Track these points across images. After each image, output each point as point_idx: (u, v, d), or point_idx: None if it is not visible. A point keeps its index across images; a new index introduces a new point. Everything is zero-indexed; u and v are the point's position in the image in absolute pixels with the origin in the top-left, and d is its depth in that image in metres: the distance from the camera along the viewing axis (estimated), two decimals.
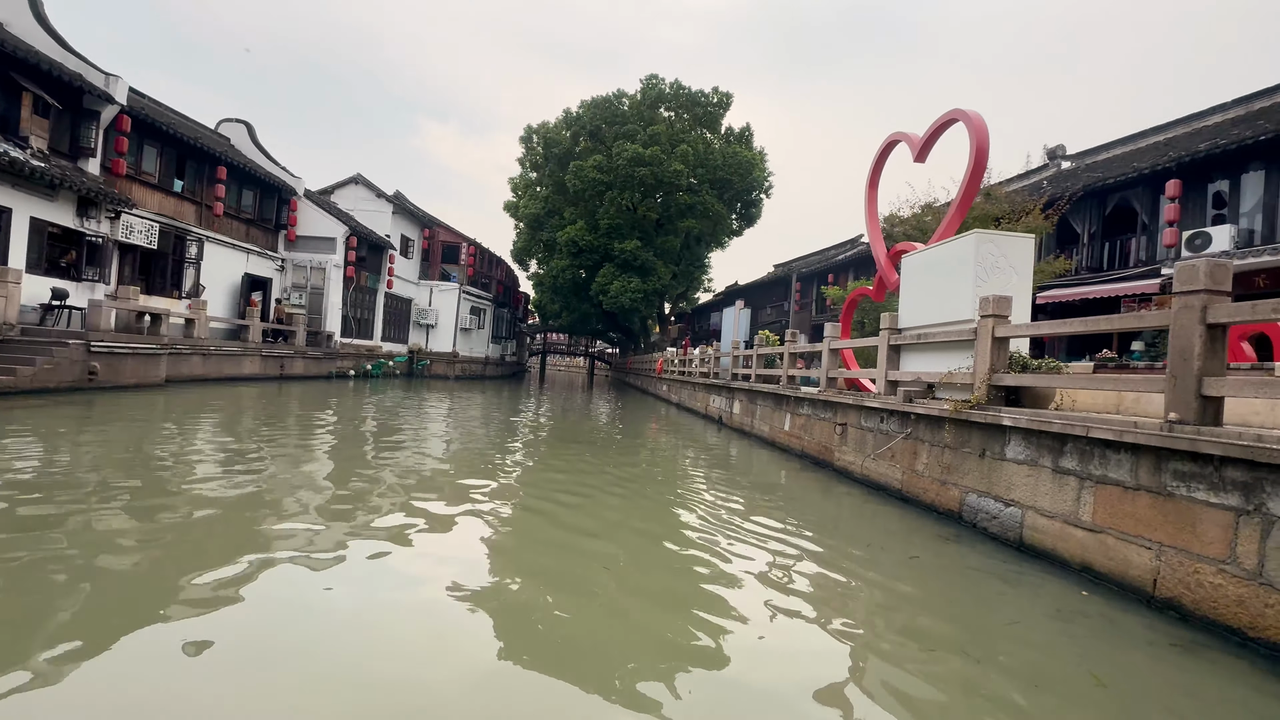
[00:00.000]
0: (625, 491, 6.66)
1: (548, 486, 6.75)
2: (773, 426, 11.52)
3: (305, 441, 8.63)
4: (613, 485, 6.94)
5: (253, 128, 23.58)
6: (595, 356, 74.40)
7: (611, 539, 4.85)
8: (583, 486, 6.70)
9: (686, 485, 7.57)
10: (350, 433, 9.94)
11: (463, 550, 4.38)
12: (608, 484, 6.98)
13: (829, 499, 7.19)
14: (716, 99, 31.88)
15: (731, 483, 7.93)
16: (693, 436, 13.29)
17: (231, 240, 20.51)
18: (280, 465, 6.72)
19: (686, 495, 6.91)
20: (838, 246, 37.10)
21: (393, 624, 3.13)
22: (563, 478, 7.22)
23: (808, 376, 11.71)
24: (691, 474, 8.49)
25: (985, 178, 13.68)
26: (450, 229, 33.32)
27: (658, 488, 7.26)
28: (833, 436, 8.73)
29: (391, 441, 9.22)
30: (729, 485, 7.72)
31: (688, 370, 21.71)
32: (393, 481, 6.36)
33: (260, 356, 18.73)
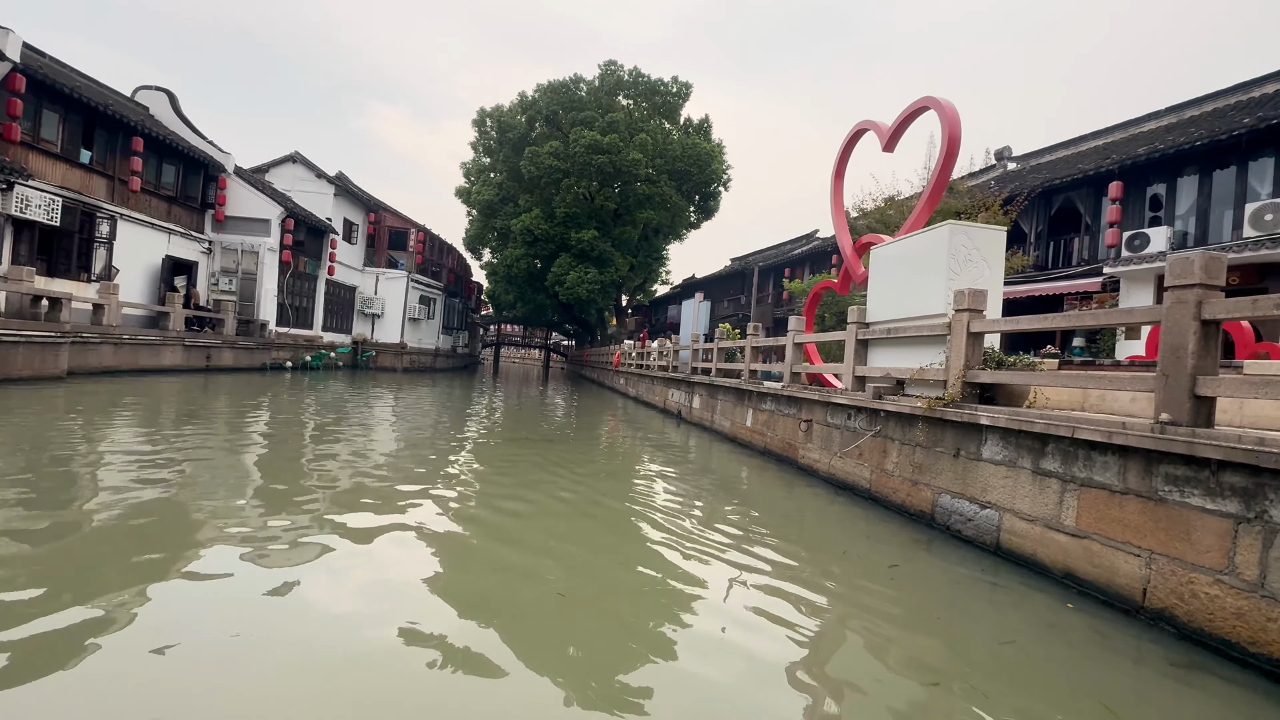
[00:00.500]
0: (579, 497, 6.18)
1: (495, 492, 6.20)
2: (734, 422, 11.25)
3: (216, 442, 7.74)
4: (566, 488, 6.44)
5: (175, 97, 21.67)
6: (550, 349, 73.27)
7: (561, 557, 4.36)
8: (534, 491, 6.18)
9: (645, 486, 7.14)
10: (275, 432, 9.06)
11: (390, 577, 3.80)
12: (560, 487, 6.48)
13: (795, 499, 6.91)
14: (676, 89, 31.47)
15: (693, 482, 7.56)
16: (651, 431, 12.90)
17: (150, 219, 18.75)
18: (182, 472, 5.91)
19: (644, 498, 6.48)
20: (793, 241, 37.45)
21: (282, 689, 2.56)
22: (510, 481, 6.67)
23: (769, 371, 11.48)
24: (649, 473, 8.07)
25: (906, 189, 13.86)
26: (397, 213, 31.79)
27: (614, 489, 6.81)
28: (797, 433, 8.48)
29: (322, 442, 8.43)
30: (690, 485, 7.35)
31: (646, 364, 21.32)
32: (316, 491, 5.68)
33: (183, 346, 17.22)
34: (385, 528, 4.58)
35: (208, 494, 5.13)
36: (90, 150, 16.76)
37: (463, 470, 7.14)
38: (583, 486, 6.63)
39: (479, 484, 6.57)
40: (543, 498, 5.90)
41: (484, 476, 7.00)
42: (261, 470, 6.30)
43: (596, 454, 9.34)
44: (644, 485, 7.20)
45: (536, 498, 5.87)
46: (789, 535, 5.38)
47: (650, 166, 29.12)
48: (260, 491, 5.42)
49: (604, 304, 35.45)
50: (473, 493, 6.09)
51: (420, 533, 4.54)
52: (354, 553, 4.03)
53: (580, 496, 6.15)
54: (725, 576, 4.09)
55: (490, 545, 4.48)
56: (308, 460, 7.04)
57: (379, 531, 4.48)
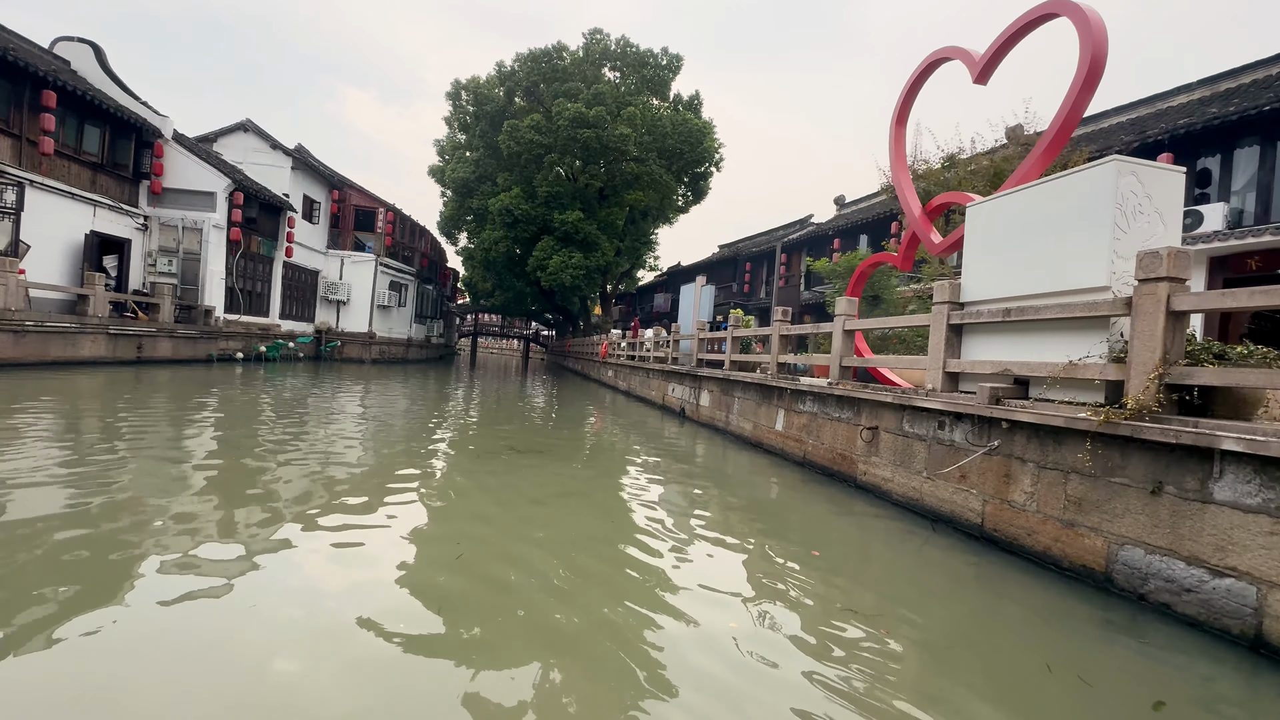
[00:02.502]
0: (556, 527, 4.38)
1: (453, 531, 4.36)
2: (757, 424, 9.52)
3: (130, 447, 5.74)
4: (544, 513, 4.64)
5: (101, 50, 18.98)
6: (530, 339, 71.04)
7: (530, 645, 2.56)
8: (504, 518, 4.36)
9: (644, 513, 5.36)
10: (210, 434, 7.05)
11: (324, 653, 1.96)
12: (536, 514, 4.67)
13: (863, 534, 5.21)
14: (666, 60, 29.46)
15: (707, 504, 5.81)
16: (649, 432, 11.13)
17: (69, 188, 16.23)
18: (81, 489, 3.94)
19: (644, 532, 4.70)
20: (787, 227, 35.92)
21: None
22: (468, 506, 4.84)
23: (795, 364, 9.79)
24: (650, 490, 6.28)
25: (968, 147, 12.22)
26: (365, 191, 29.28)
27: (603, 514, 5.02)
28: (855, 443, 6.78)
29: (264, 448, 6.46)
30: (704, 508, 5.59)
31: (639, 355, 19.52)
32: (245, 517, 3.78)
33: (107, 335, 14.87)
34: (328, 580, 2.72)
35: (113, 514, 3.20)
36: None
37: (434, 502, 5.27)
38: (569, 505, 4.83)
39: (454, 524, 4.72)
40: (513, 538, 4.08)
41: (445, 504, 5.15)
42: (187, 481, 4.37)
43: (585, 462, 7.53)
44: (642, 511, 5.41)
45: (507, 537, 4.05)
46: (895, 597, 3.66)
47: (638, 143, 27.11)
48: (179, 507, 3.51)
49: (588, 291, 33.46)
50: (444, 543, 4.24)
51: (368, 598, 2.70)
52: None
53: (565, 521, 4.34)
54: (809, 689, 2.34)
55: (439, 654, 2.66)
56: (245, 470, 5.11)
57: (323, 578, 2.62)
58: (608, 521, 5.00)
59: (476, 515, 4.86)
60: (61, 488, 4.58)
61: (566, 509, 5.28)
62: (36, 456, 5.48)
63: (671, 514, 5.39)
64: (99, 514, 4.07)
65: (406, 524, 4.45)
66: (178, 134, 19.96)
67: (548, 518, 4.91)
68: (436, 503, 5.19)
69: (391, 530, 4.29)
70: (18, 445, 5.85)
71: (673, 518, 5.26)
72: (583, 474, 6.92)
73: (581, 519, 5.02)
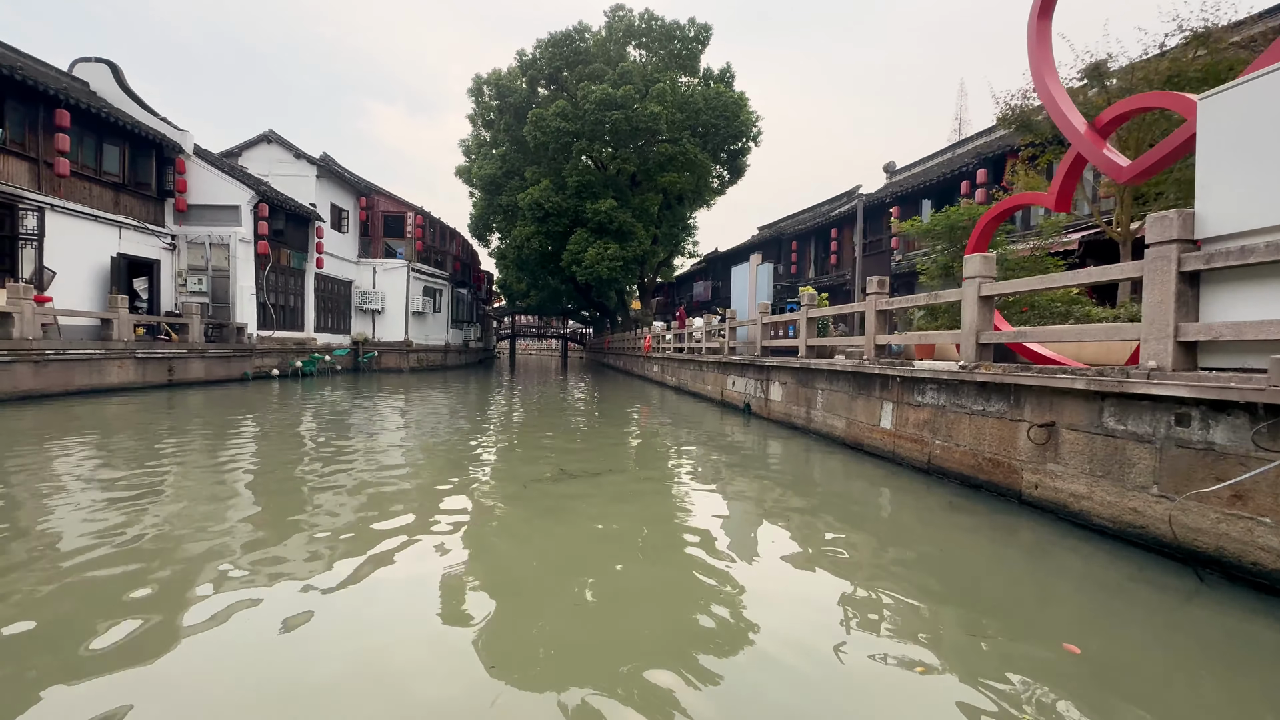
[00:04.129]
0: (626, 615, 2.91)
1: (488, 629, 2.95)
2: (852, 421, 7.87)
3: (147, 485, 4.60)
4: (609, 586, 3.19)
5: (119, 69, 18.54)
6: (568, 338, 70.36)
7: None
8: (555, 596, 2.93)
9: (754, 579, 3.83)
10: (236, 466, 5.92)
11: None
12: (600, 590, 3.22)
13: (1099, 592, 3.55)
14: (694, 32, 27.63)
15: (847, 561, 4.24)
16: (709, 432, 9.61)
17: (91, 210, 15.72)
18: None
19: (768, 628, 3.17)
20: (833, 200, 33.64)
21: None
22: (507, 573, 3.44)
23: (891, 346, 8.10)
24: (747, 530, 4.75)
25: (1119, 52, 9.75)
26: (392, 196, 28.56)
27: (690, 592, 3.52)
28: (1014, 444, 5.09)
29: (287, 488, 5.25)
30: (846, 570, 4.03)
31: (688, 347, 17.97)
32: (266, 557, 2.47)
33: (134, 359, 14.24)
34: None
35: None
36: (1, 127, 13.71)
37: (467, 572, 3.90)
38: (667, 590, 3.36)
39: (488, 605, 3.32)
40: (612, 656, 2.64)
41: (497, 579, 3.75)
42: (210, 520, 3.14)
43: (661, 492, 6.05)
44: (783, 566, 3.88)
45: (595, 668, 2.62)
46: None
47: (670, 121, 25.43)
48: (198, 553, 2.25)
49: (626, 283, 32.06)
50: (469, 656, 2.84)
51: None
52: None
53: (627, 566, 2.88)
54: None
55: None
56: (274, 496, 3.87)
57: None
58: (699, 606, 3.51)
59: (517, 590, 3.45)
60: (88, 522, 3.38)
61: (635, 576, 3.83)
62: (57, 498, 4.35)
63: (800, 583, 3.86)
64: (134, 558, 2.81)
65: (423, 617, 3.07)
66: (199, 148, 19.42)
67: (616, 593, 3.46)
68: (469, 576, 3.80)
69: (410, 625, 2.91)
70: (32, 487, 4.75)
71: (807, 592, 3.73)
72: (647, 507, 5.46)
73: (658, 599, 3.55)
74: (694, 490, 5.98)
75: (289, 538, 4.11)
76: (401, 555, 3.83)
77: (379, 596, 3.24)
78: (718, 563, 3.85)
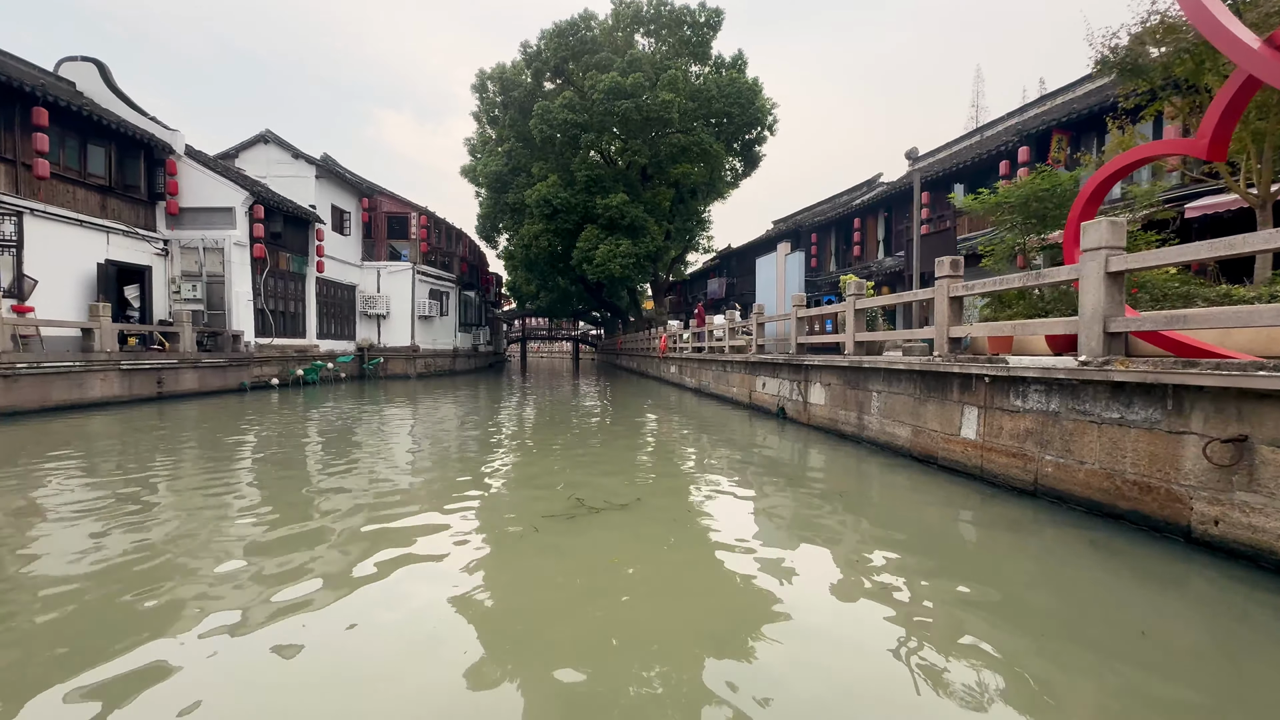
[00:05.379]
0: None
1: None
2: (921, 429, 6.66)
3: (113, 516, 3.55)
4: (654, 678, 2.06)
5: (107, 68, 17.71)
6: (579, 340, 69.40)
7: None
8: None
9: (849, 675, 2.66)
10: (220, 493, 4.86)
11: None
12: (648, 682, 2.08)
13: None
14: (704, 17, 26.42)
15: (936, 599, 3.05)
16: (742, 443, 8.43)
17: (76, 215, 14.86)
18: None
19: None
20: (852, 190, 32.39)
21: None
22: (525, 658, 2.31)
23: (962, 339, 6.88)
24: (824, 580, 3.58)
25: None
26: (395, 197, 27.64)
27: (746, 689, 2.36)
28: (1176, 463, 3.88)
29: (265, 525, 4.17)
30: (937, 615, 2.84)
31: (709, 346, 16.79)
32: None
33: (118, 372, 13.32)
34: None
35: None
36: None
37: (477, 662, 2.78)
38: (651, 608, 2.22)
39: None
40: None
41: (516, 666, 2.63)
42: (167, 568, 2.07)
43: (700, 526, 4.89)
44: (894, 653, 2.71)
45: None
46: None
47: (683, 110, 24.25)
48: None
49: (639, 281, 30.94)
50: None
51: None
52: None
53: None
54: None
55: None
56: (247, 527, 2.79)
57: None
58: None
59: (542, 685, 2.30)
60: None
61: (679, 649, 2.68)
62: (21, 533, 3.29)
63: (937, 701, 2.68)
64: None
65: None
66: (191, 149, 18.54)
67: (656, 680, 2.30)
68: (482, 665, 2.66)
69: None
70: None
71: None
72: (686, 550, 4.31)
73: (706, 677, 2.40)
74: (745, 533, 4.81)
75: (249, 606, 3.00)
76: (366, 648, 2.71)
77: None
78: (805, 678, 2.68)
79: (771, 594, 3.35)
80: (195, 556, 3.82)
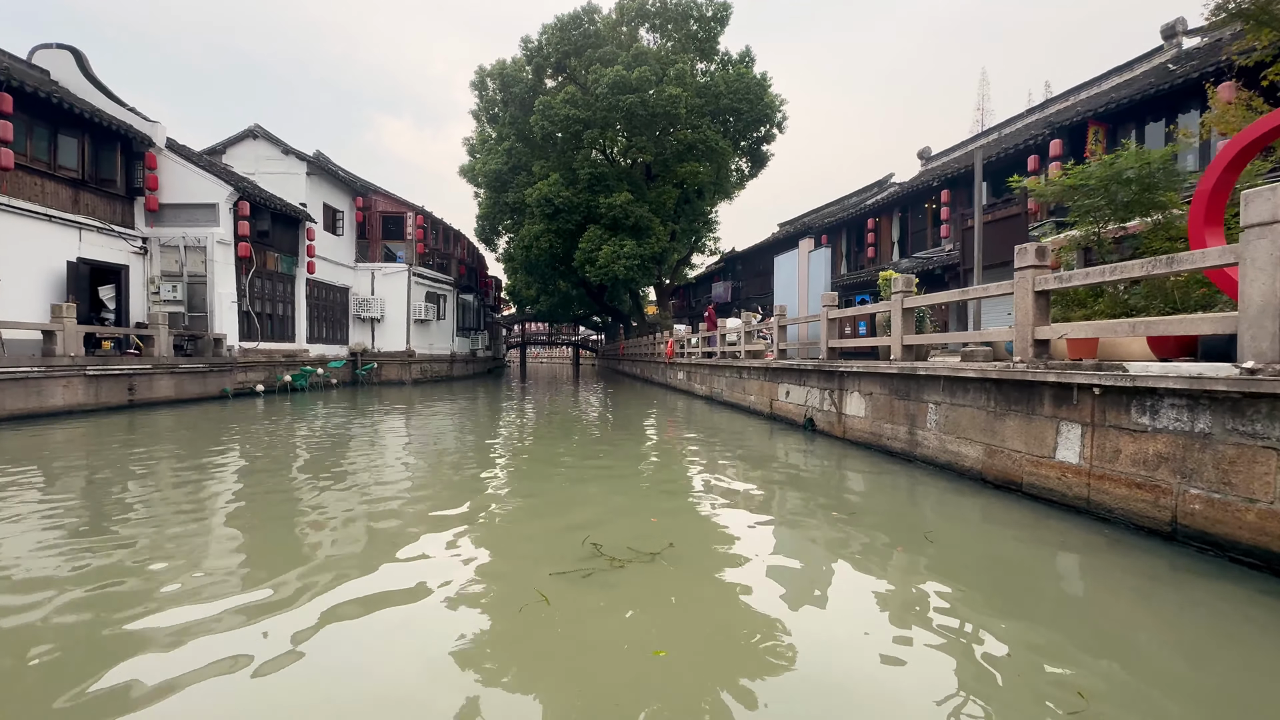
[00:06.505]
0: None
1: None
2: (997, 449, 5.62)
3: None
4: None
5: (83, 56, 16.73)
6: (579, 345, 68.42)
7: None
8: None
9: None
10: (179, 521, 3.80)
11: None
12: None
13: None
14: (712, 11, 25.54)
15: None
16: (768, 458, 7.39)
17: (44, 210, 13.83)
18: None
19: None
20: (862, 191, 31.42)
21: None
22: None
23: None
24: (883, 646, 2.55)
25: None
26: (390, 196, 26.65)
27: None
28: None
29: (205, 550, 3.14)
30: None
31: (721, 350, 15.76)
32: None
33: (84, 378, 12.25)
34: None
35: None
36: None
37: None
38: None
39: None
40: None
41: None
42: None
43: (752, 577, 3.84)
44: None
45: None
46: None
47: (689, 105, 23.31)
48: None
49: (643, 283, 29.94)
50: None
51: None
52: None
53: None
54: None
55: None
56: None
57: None
58: None
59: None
60: None
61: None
62: None
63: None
64: None
65: None
66: (172, 142, 17.55)
67: None
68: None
69: None
70: None
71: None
72: (752, 628, 3.26)
73: None
74: (819, 598, 3.76)
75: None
76: None
77: None
78: None
79: (894, 697, 2.30)
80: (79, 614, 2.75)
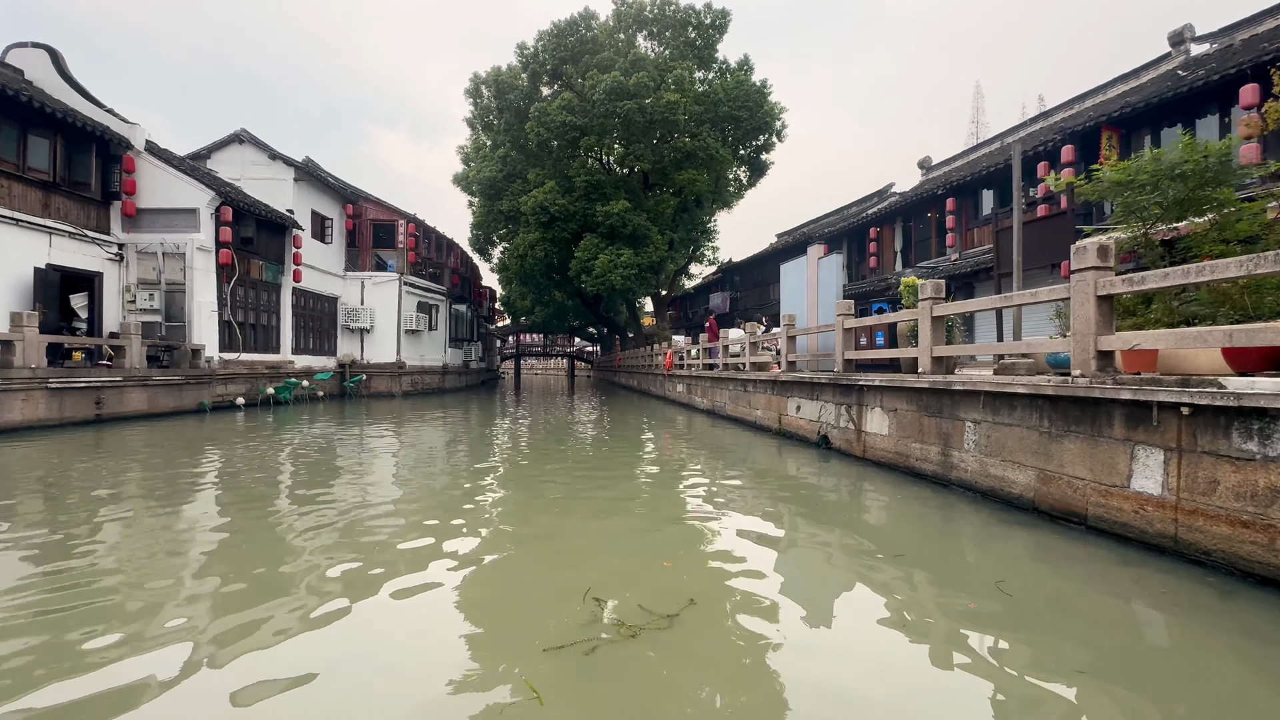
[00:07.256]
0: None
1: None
2: (1053, 475, 4.95)
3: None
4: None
5: (59, 55, 16.08)
6: (574, 356, 67.70)
7: None
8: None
9: None
10: (136, 555, 3.07)
11: None
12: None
13: None
14: (710, 18, 25.21)
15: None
16: (782, 480, 6.70)
17: (10, 213, 13.08)
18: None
19: None
20: (862, 201, 31.04)
21: None
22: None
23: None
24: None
25: None
26: (382, 204, 26.00)
27: None
28: None
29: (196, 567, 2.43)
30: None
31: (724, 362, 15.11)
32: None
33: (45, 391, 11.46)
34: None
35: None
36: None
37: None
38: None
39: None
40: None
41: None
42: None
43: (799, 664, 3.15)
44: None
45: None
46: None
47: (688, 112, 22.87)
48: None
49: (640, 293, 29.33)
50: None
51: None
52: None
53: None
54: None
55: None
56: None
57: None
58: None
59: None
60: None
61: None
62: None
63: None
64: None
65: None
66: (152, 144, 16.85)
67: None
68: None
69: None
70: None
71: None
72: (807, 712, 2.56)
73: None
74: (883, 679, 3.06)
75: None
76: None
77: None
78: None
79: None
80: None
